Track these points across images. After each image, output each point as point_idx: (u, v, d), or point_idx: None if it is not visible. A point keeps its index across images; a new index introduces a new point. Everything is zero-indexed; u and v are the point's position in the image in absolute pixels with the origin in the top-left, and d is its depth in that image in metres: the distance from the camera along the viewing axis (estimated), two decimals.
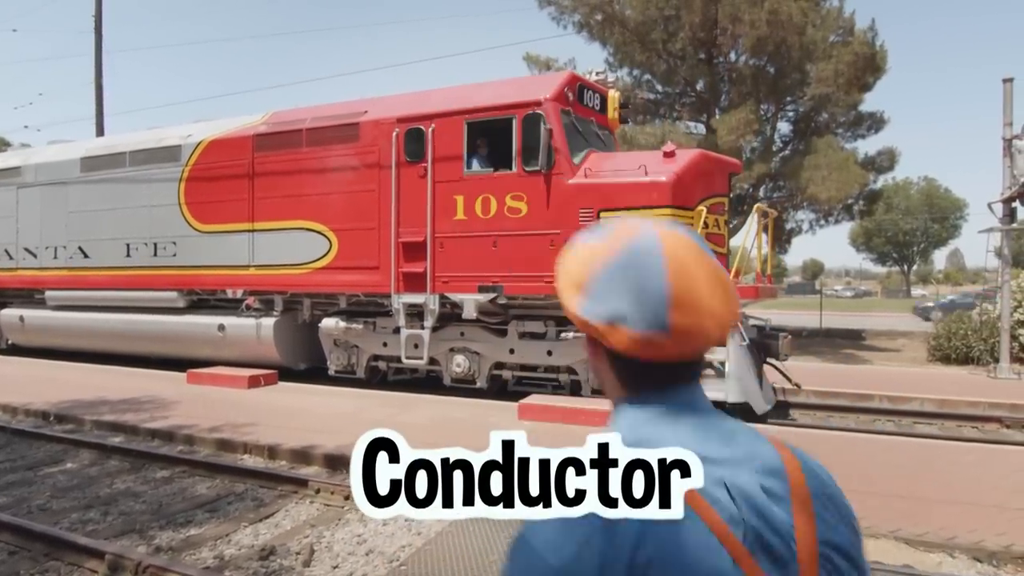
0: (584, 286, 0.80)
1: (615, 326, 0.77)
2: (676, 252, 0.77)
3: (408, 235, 8.79)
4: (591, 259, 0.81)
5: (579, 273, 0.82)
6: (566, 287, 0.84)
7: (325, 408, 7.83)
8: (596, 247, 0.82)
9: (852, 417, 8.63)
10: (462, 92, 8.82)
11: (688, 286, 0.76)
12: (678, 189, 7.46)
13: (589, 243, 0.83)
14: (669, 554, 0.71)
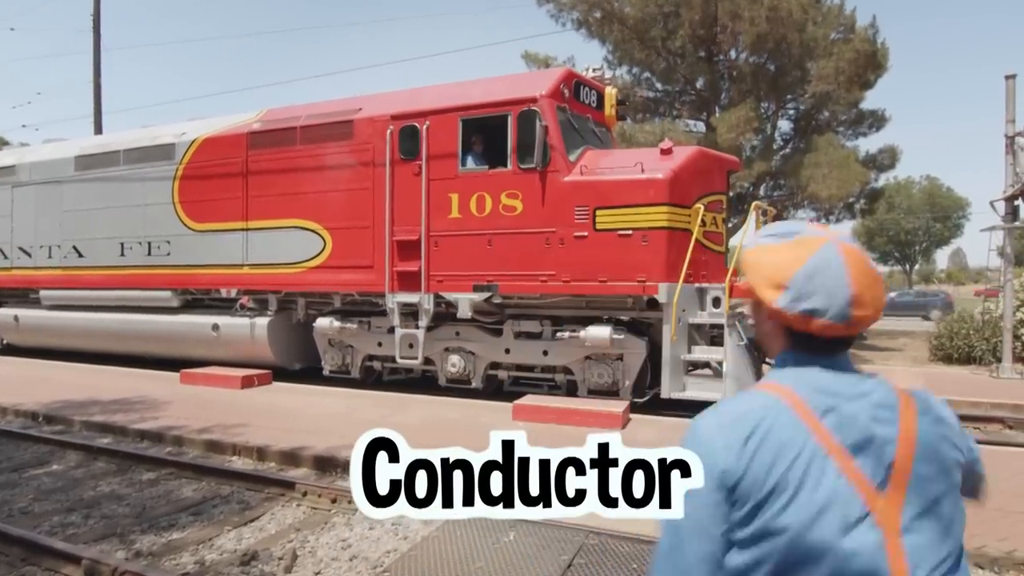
0: (783, 286, 1.04)
1: (810, 318, 1.02)
2: (853, 261, 1.04)
3: (402, 234, 8.69)
4: (785, 265, 1.05)
5: (777, 275, 1.05)
6: (764, 286, 1.07)
7: (317, 408, 7.74)
8: (785, 253, 1.06)
9: None
10: (457, 89, 8.72)
11: (862, 289, 1.02)
12: (675, 186, 7.35)
13: (774, 245, 1.08)
14: (772, 425, 0.99)
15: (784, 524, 0.93)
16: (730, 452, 0.99)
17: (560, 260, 7.74)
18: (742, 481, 0.97)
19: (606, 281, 7.54)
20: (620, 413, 6.64)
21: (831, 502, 0.93)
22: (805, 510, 0.93)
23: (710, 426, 1.04)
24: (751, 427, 1.00)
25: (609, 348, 7.74)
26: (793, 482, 0.94)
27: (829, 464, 0.95)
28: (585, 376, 8.08)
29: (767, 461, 0.96)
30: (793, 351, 1.10)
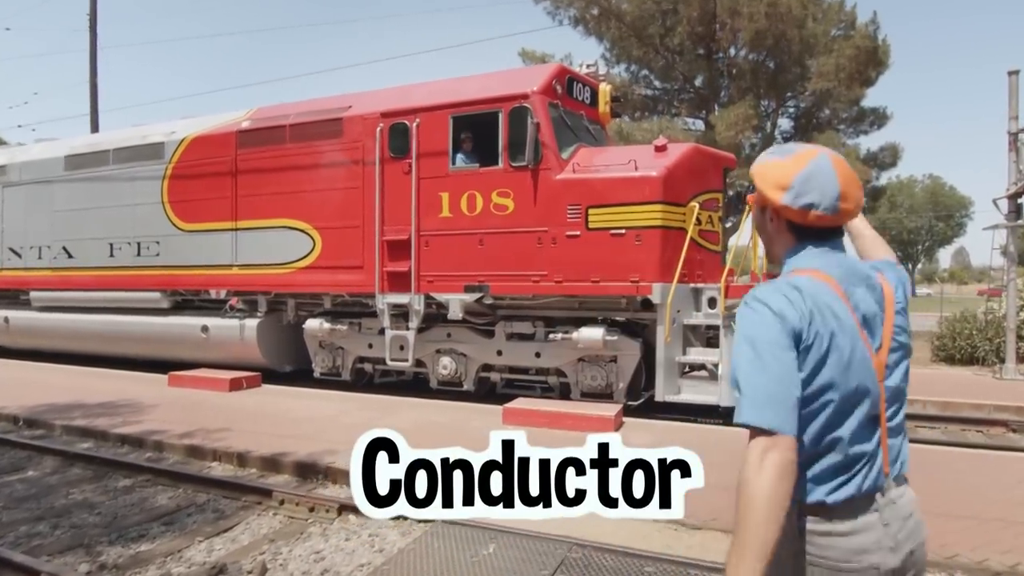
0: (785, 187, 1.37)
1: (807, 210, 1.36)
2: (840, 167, 1.38)
3: (392, 233, 8.53)
4: (786, 170, 1.38)
5: (780, 178, 1.38)
6: (770, 188, 1.40)
7: (304, 412, 7.58)
8: (786, 163, 1.39)
9: None
10: (448, 85, 8.56)
11: (847, 187, 1.36)
12: (669, 184, 7.17)
13: (778, 160, 1.42)
14: (819, 306, 1.30)
15: (827, 368, 1.30)
16: (800, 316, 1.29)
17: (552, 260, 7.57)
18: (806, 337, 1.29)
19: (599, 281, 7.37)
20: (612, 417, 6.47)
21: (856, 354, 1.33)
22: (844, 360, 1.31)
23: (776, 296, 1.33)
24: (808, 298, 1.31)
25: (602, 350, 7.56)
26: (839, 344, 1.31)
27: (857, 333, 1.34)
28: (578, 378, 7.91)
29: (823, 329, 1.30)
30: (797, 244, 1.44)
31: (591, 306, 7.89)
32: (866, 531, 1.33)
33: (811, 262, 1.40)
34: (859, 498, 1.33)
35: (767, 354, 1.27)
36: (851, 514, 1.33)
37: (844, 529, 1.32)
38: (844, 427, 1.32)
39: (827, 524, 1.33)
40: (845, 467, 1.32)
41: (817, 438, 1.32)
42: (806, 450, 1.31)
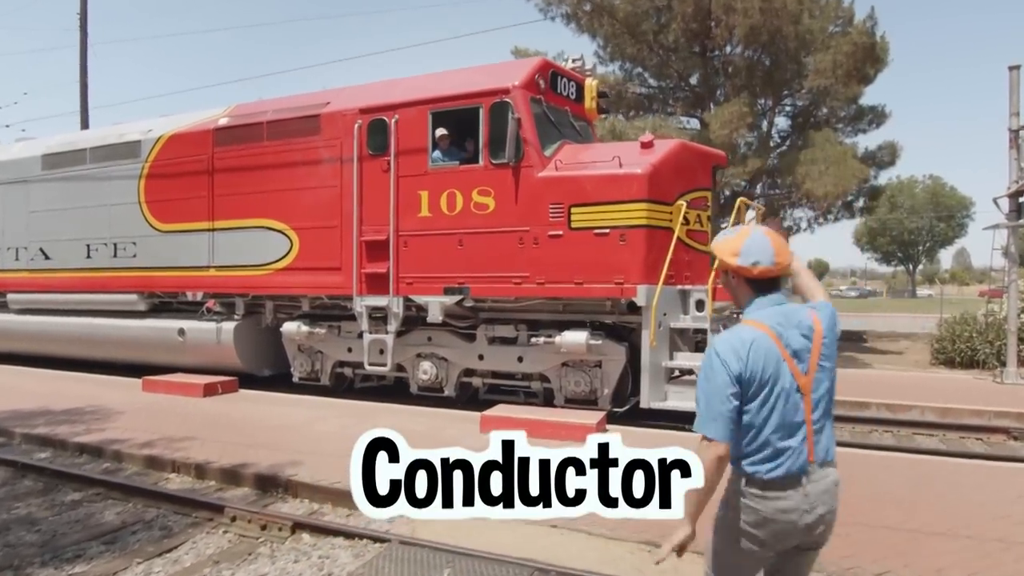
0: (737, 253, 2.05)
1: (754, 266, 2.02)
2: (771, 236, 2.07)
3: (371, 233, 8.24)
4: (735, 241, 2.07)
5: (733, 246, 2.07)
6: (727, 255, 2.08)
7: (277, 419, 7.29)
8: (734, 238, 2.09)
9: (847, 428, 8.02)
10: (428, 81, 8.27)
11: (778, 248, 2.04)
12: (655, 182, 6.88)
13: (729, 236, 2.12)
14: (756, 351, 1.94)
15: (760, 392, 1.95)
16: (736, 361, 1.94)
17: (534, 261, 7.27)
18: (744, 376, 1.94)
19: (582, 283, 7.08)
20: (594, 425, 6.17)
21: (785, 383, 1.96)
22: (771, 386, 1.95)
23: (727, 348, 1.97)
24: (748, 347, 1.95)
25: (586, 354, 7.27)
26: (768, 375, 1.94)
27: (784, 366, 1.96)
28: (562, 384, 7.61)
29: (757, 367, 1.94)
30: (755, 296, 2.07)
31: (576, 309, 7.60)
32: (790, 498, 1.97)
33: (756, 315, 2.05)
34: (788, 476, 1.96)
35: (714, 390, 1.96)
36: (781, 487, 1.97)
37: (774, 495, 1.97)
38: (772, 429, 1.97)
39: (763, 491, 1.98)
40: (776, 455, 1.96)
41: (756, 437, 1.97)
42: (750, 444, 1.98)
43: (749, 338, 1.97)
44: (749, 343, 1.96)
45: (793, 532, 1.97)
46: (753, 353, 1.94)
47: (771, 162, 15.86)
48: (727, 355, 1.95)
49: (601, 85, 8.62)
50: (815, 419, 1.99)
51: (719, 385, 1.95)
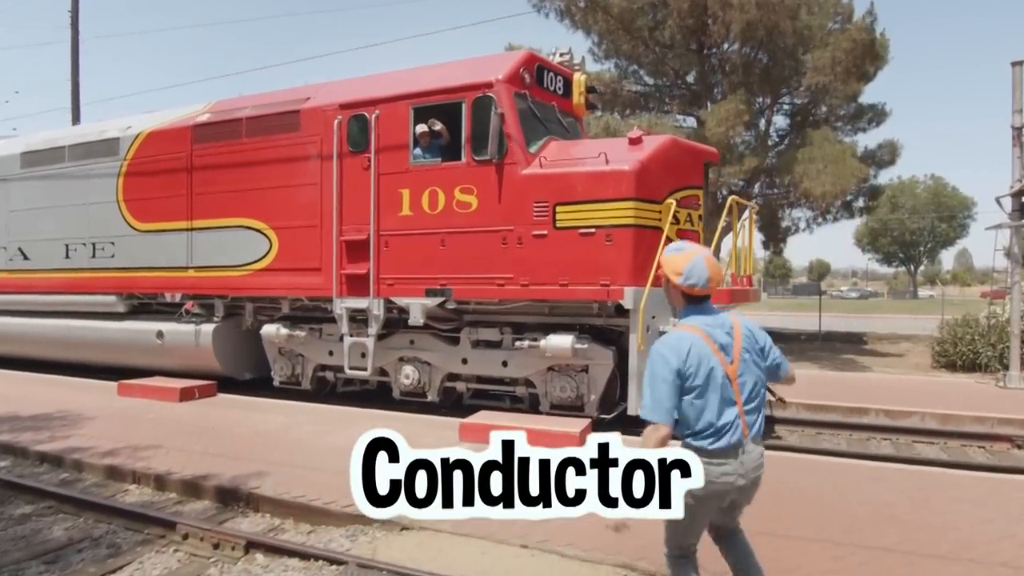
0: (679, 274, 2.53)
1: (692, 286, 2.52)
2: (708, 261, 2.57)
3: (351, 233, 7.96)
4: (680, 263, 2.55)
5: (677, 267, 2.54)
6: (672, 273, 2.55)
7: (250, 425, 7.01)
8: (680, 258, 2.58)
9: (844, 435, 7.74)
10: (410, 75, 8.00)
11: (713, 273, 2.56)
12: (643, 179, 6.60)
13: (676, 255, 2.60)
14: (695, 351, 2.42)
15: (699, 382, 2.40)
16: (678, 360, 2.41)
17: (518, 261, 7.00)
18: (682, 372, 2.40)
19: (567, 285, 6.80)
20: (578, 434, 5.89)
21: (717, 372, 2.43)
22: (707, 376, 2.41)
23: (667, 348, 2.45)
24: (687, 347, 2.43)
25: (572, 359, 6.99)
26: (704, 368, 2.41)
27: (715, 358, 2.44)
28: (547, 389, 7.33)
29: (694, 362, 2.41)
30: (688, 306, 2.59)
31: (562, 311, 7.32)
32: (729, 464, 2.43)
33: (689, 320, 2.54)
34: (728, 448, 2.42)
35: (657, 383, 2.41)
36: (723, 456, 2.42)
37: (717, 463, 2.41)
38: (712, 410, 2.43)
39: (708, 459, 2.38)
40: (718, 431, 2.42)
41: (700, 417, 2.42)
42: (696, 423, 2.43)
43: (687, 339, 2.45)
44: (688, 343, 2.43)
45: (730, 492, 2.47)
46: (691, 351, 2.41)
47: (769, 161, 15.58)
48: (668, 354, 2.42)
49: (591, 80, 8.34)
50: (744, 401, 2.48)
51: (661, 379, 2.40)
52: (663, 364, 2.40)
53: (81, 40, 20.57)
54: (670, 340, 2.47)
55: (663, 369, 2.40)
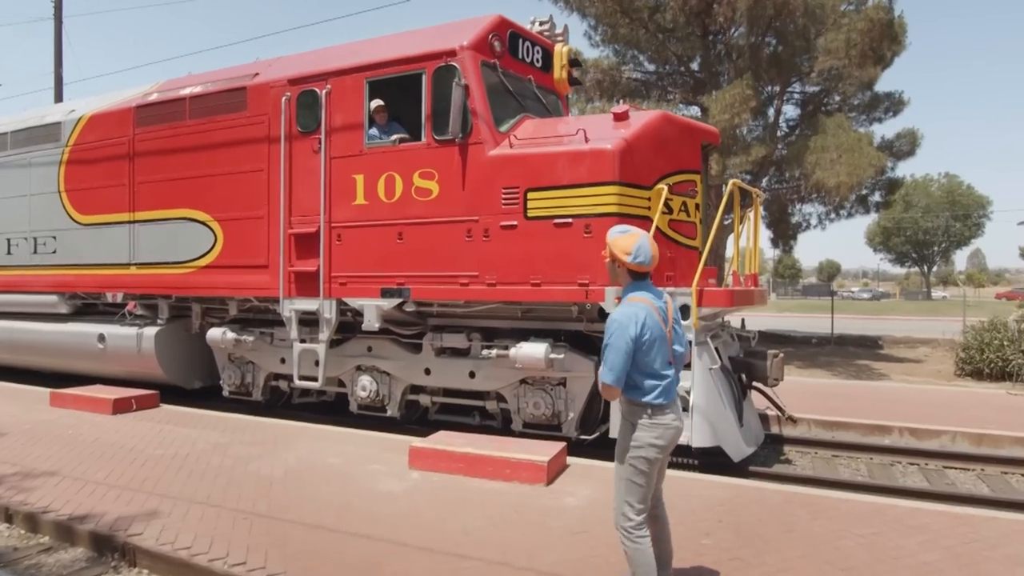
0: (628, 253, 2.93)
1: (640, 264, 2.94)
2: (651, 241, 2.99)
3: (300, 225, 7.02)
4: (629, 242, 2.94)
5: (626, 247, 2.94)
6: (621, 253, 2.95)
7: (174, 446, 6.07)
8: (627, 238, 2.97)
9: (864, 459, 6.72)
10: (367, 46, 7.05)
11: (655, 252, 2.98)
12: (628, 160, 5.61)
13: (622, 235, 2.99)
14: (648, 318, 2.86)
15: (649, 341, 2.83)
16: (636, 328, 2.80)
17: (484, 257, 6.03)
18: (639, 338, 2.81)
19: (540, 284, 5.82)
20: (545, 464, 4.90)
21: (662, 337, 2.89)
22: (655, 340, 2.85)
23: (627, 319, 2.81)
24: (644, 317, 2.83)
25: (547, 370, 6.01)
26: (654, 334, 2.85)
27: (660, 326, 2.88)
28: (519, 405, 6.36)
29: (647, 330, 2.82)
30: (632, 283, 2.96)
31: (537, 315, 6.35)
32: (673, 412, 2.94)
33: (638, 294, 2.94)
34: (669, 400, 2.92)
35: (617, 350, 2.81)
36: (668, 408, 2.91)
37: (666, 413, 2.91)
38: (657, 369, 2.88)
39: (661, 412, 2.89)
40: (665, 389, 2.89)
41: (650, 376, 2.87)
42: (648, 381, 2.87)
43: (643, 310, 2.86)
44: (644, 313, 2.85)
45: (676, 437, 2.95)
46: (647, 320, 2.84)
47: (778, 153, 14.53)
48: (627, 324, 2.82)
49: (573, 51, 7.34)
50: (676, 362, 3.00)
51: (622, 347, 2.81)
52: (622, 333, 2.81)
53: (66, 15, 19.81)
54: (627, 311, 2.86)
55: (622, 339, 2.80)
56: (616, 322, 2.82)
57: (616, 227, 3.09)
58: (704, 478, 5.16)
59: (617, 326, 2.81)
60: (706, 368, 5.50)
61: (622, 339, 2.78)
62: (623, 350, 2.78)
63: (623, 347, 2.78)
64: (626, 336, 2.78)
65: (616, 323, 2.82)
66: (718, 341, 6.01)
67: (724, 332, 6.47)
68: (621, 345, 2.78)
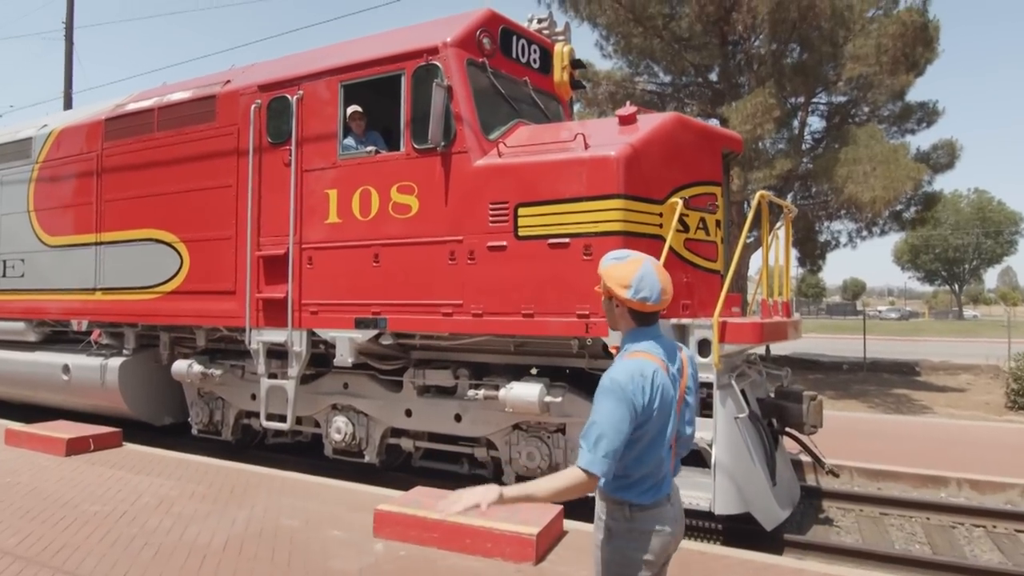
0: (627, 286, 1.98)
1: (643, 301, 1.97)
2: (659, 270, 2.02)
3: (269, 247, 6.28)
4: (627, 273, 1.99)
5: (623, 279, 1.99)
6: (617, 287, 2.00)
7: (112, 501, 5.28)
8: (624, 267, 2.01)
9: (920, 518, 5.71)
10: (345, 48, 6.34)
11: (665, 285, 2.01)
12: (635, 170, 4.77)
13: (618, 264, 2.04)
14: (658, 381, 1.92)
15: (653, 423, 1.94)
16: (643, 396, 1.90)
17: (468, 283, 5.21)
18: (644, 411, 1.91)
19: (532, 315, 4.97)
20: (534, 538, 4.01)
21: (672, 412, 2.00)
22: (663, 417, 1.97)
23: (634, 383, 1.91)
24: (654, 382, 1.93)
25: (542, 415, 5.14)
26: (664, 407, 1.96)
27: (673, 396, 2.00)
28: (511, 455, 5.48)
29: (657, 400, 1.93)
30: (637, 327, 2.06)
31: (532, 349, 5.50)
32: (668, 513, 2.06)
33: (643, 345, 2.03)
34: (664, 495, 2.06)
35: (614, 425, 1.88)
36: (661, 505, 2.05)
37: (657, 515, 2.04)
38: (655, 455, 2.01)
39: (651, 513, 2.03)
40: (660, 481, 2.05)
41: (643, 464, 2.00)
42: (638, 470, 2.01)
43: (651, 371, 1.96)
44: (652, 376, 1.95)
45: (671, 544, 2.08)
46: (658, 386, 1.95)
47: (804, 166, 13.59)
48: (635, 390, 1.92)
49: (573, 52, 6.56)
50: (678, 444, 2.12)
51: (620, 421, 1.89)
52: (627, 404, 1.90)
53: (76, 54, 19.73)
54: (631, 371, 1.95)
55: (625, 410, 1.90)
56: (616, 385, 1.90)
57: (611, 253, 2.13)
58: (729, 555, 4.22)
59: (617, 391, 1.89)
60: (731, 417, 4.59)
61: (620, 411, 1.86)
62: (621, 429, 1.85)
63: (621, 423, 1.85)
64: (626, 411, 1.87)
65: (616, 387, 1.89)
66: (745, 381, 5.10)
67: (751, 369, 5.54)
68: (618, 419, 1.85)
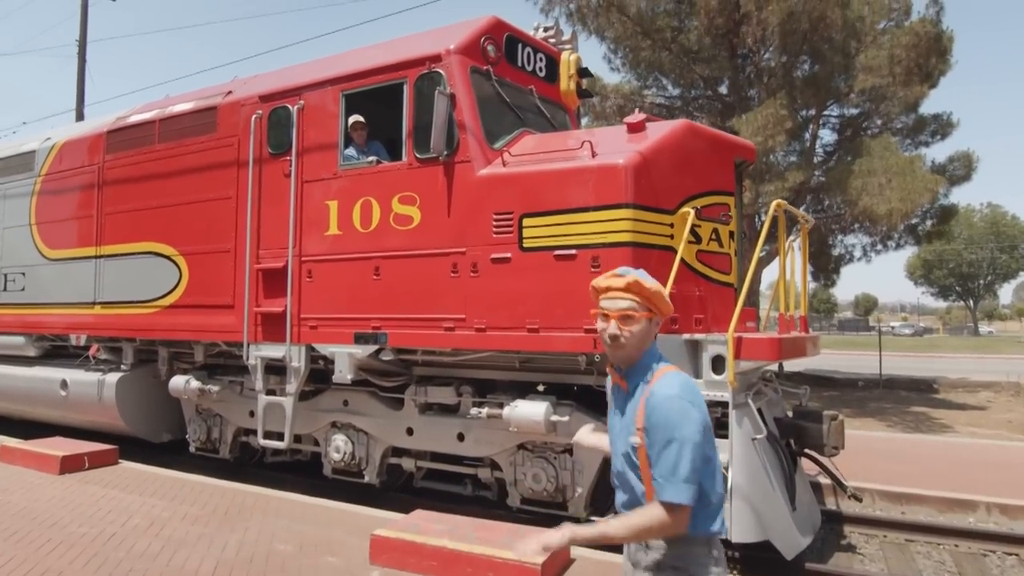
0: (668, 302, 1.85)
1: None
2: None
3: (268, 259, 6.13)
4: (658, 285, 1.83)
5: (663, 291, 1.83)
6: (664, 302, 1.83)
7: (104, 522, 5.08)
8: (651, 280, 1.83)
9: (948, 545, 5.40)
10: (347, 57, 6.23)
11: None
12: (645, 179, 4.58)
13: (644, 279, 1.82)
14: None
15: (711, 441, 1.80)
16: (706, 413, 1.73)
17: (471, 296, 5.02)
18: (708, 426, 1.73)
19: (537, 330, 4.76)
20: (538, 567, 3.77)
21: None
22: None
23: (696, 398, 1.72)
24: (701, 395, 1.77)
25: (548, 435, 4.91)
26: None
27: None
28: (516, 476, 5.24)
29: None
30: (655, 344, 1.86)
31: (538, 365, 5.28)
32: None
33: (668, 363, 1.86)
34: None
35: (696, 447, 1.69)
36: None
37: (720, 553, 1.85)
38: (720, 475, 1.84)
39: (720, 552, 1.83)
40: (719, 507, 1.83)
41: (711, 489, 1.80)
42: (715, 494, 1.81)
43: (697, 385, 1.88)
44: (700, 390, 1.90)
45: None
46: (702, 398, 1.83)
47: (816, 179, 13.37)
48: (702, 404, 1.74)
49: (581, 60, 6.41)
50: None
51: (702, 442, 1.70)
52: (702, 421, 1.72)
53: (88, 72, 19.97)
54: (690, 385, 1.78)
55: (702, 427, 1.71)
56: (682, 403, 1.69)
57: (618, 271, 1.89)
58: None
59: (687, 409, 1.69)
60: (748, 438, 4.34)
61: (693, 432, 1.68)
62: (699, 451, 1.68)
63: (698, 447, 1.68)
64: (703, 428, 1.70)
65: (684, 405, 1.69)
66: (761, 400, 4.85)
67: (767, 387, 5.30)
68: (696, 444, 1.67)
